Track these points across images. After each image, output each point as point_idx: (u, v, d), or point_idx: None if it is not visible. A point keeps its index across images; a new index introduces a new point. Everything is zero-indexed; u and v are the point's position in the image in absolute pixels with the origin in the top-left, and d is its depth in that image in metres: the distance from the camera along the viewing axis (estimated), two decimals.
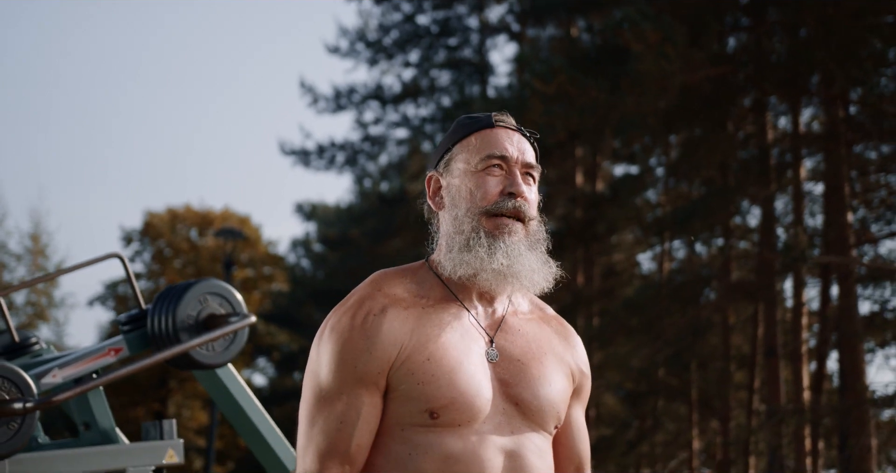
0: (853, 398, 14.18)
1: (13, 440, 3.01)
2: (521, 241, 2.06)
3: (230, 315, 3.50)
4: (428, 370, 1.96)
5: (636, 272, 22.19)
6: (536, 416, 2.00)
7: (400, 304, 2.05)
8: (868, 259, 17.21)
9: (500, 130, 2.07)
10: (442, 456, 1.93)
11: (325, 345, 2.03)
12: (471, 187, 2.04)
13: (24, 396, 3.02)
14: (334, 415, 1.97)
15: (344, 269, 28.95)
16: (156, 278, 35.02)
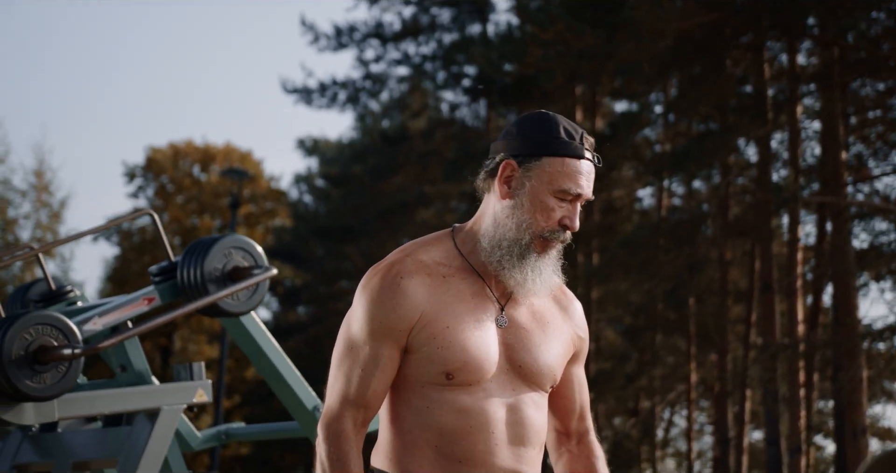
0: (845, 331, 14.51)
1: (62, 382, 3.34)
2: (547, 259, 2.31)
3: (253, 268, 3.80)
4: (447, 337, 2.23)
5: (636, 208, 22.39)
6: (535, 377, 2.31)
7: (424, 270, 2.28)
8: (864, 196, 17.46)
9: (585, 163, 2.27)
10: (455, 409, 2.25)
11: (358, 300, 2.30)
12: (539, 205, 2.26)
13: (71, 343, 3.33)
14: (357, 363, 2.26)
15: (346, 206, 29.14)
16: (159, 213, 35.24)
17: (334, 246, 29.51)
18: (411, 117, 26.92)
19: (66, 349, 3.30)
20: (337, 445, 2.24)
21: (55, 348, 3.30)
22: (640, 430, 20.42)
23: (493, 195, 2.32)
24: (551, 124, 2.29)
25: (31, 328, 3.30)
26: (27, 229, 26.99)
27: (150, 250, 33.39)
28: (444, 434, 2.26)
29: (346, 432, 2.25)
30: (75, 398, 3.52)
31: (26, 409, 3.42)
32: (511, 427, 2.27)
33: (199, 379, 3.74)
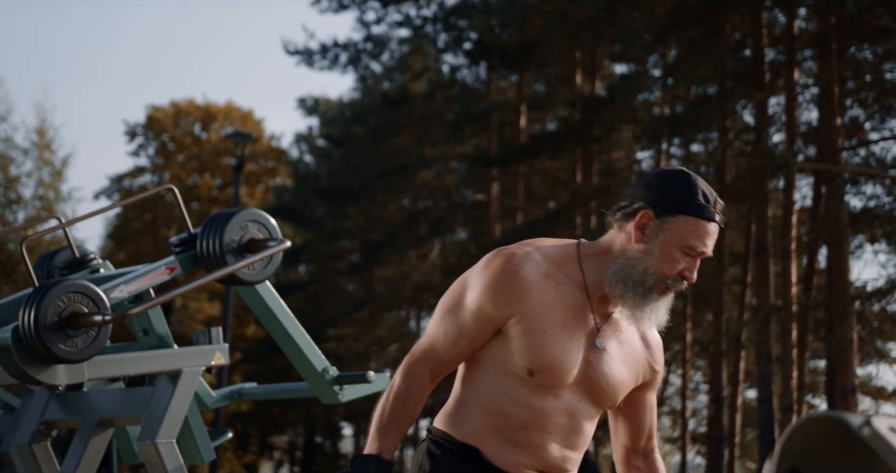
0: (837, 293, 14.75)
1: (91, 346, 3.59)
2: (664, 302, 2.55)
3: (268, 240, 4.06)
4: (541, 339, 2.46)
5: (635, 170, 22.55)
6: (602, 397, 2.56)
7: (542, 270, 2.51)
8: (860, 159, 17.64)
9: (713, 225, 2.49)
10: (525, 404, 2.52)
11: (479, 274, 2.52)
12: (667, 256, 2.49)
13: (100, 310, 3.59)
14: (455, 324, 2.51)
15: (347, 166, 29.28)
16: (160, 171, 35.39)
17: (335, 206, 29.71)
18: (412, 79, 27.00)
19: (97, 315, 3.55)
20: (409, 384, 2.53)
21: (86, 314, 3.55)
22: None
23: (623, 234, 2.54)
24: (692, 186, 2.50)
25: (63, 295, 3.55)
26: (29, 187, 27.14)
27: (151, 208, 33.61)
28: (508, 420, 2.53)
29: (422, 377, 2.54)
30: (103, 360, 3.78)
31: (59, 370, 3.68)
32: (567, 432, 2.55)
33: (217, 343, 4.00)
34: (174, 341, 4.09)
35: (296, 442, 39.93)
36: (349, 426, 36.43)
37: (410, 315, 31.36)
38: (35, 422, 4.28)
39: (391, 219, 29.00)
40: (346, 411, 31.41)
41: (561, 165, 22.44)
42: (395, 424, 2.53)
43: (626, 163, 22.39)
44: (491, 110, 22.89)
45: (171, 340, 4.07)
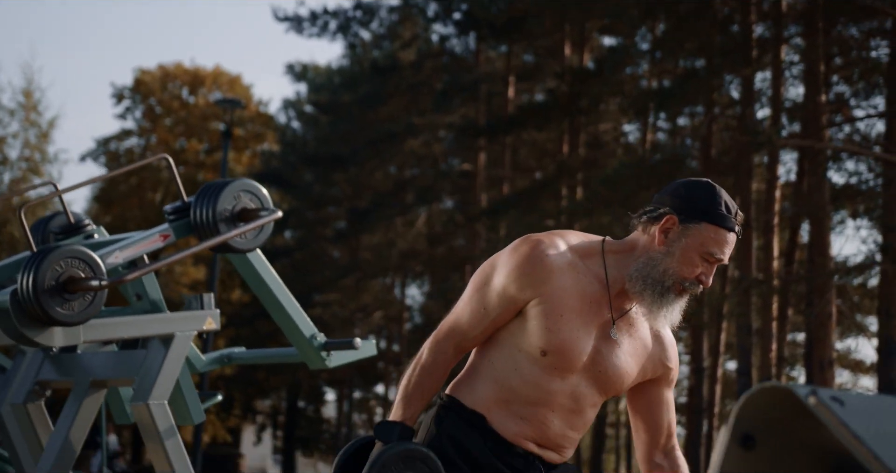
0: (817, 268, 14.94)
1: (88, 309, 3.71)
2: (679, 303, 2.69)
3: (260, 210, 4.17)
4: (558, 323, 2.63)
5: (622, 142, 22.65)
6: (606, 385, 2.72)
7: (566, 258, 2.65)
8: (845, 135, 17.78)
9: (732, 235, 2.65)
10: (534, 382, 2.67)
11: (507, 257, 2.69)
12: (687, 260, 2.65)
13: (96, 275, 3.70)
14: (481, 304, 2.68)
15: (335, 133, 29.29)
16: (146, 135, 35.36)
17: (322, 173, 29.76)
18: (401, 48, 27.00)
19: (94, 280, 3.66)
20: (435, 358, 2.71)
21: (83, 279, 3.66)
22: None
23: (647, 236, 2.69)
24: (716, 197, 2.66)
25: (61, 260, 3.66)
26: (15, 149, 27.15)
27: (137, 172, 33.60)
28: (516, 394, 2.69)
29: (448, 352, 2.71)
30: (98, 323, 3.90)
31: (56, 333, 3.80)
32: (569, 413, 2.71)
33: (209, 308, 4.13)
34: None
35: (279, 407, 40.14)
36: (332, 391, 36.66)
37: (395, 283, 31.51)
38: (30, 382, 4.41)
39: (378, 186, 29.07)
40: (330, 376, 31.62)
41: (548, 136, 22.52)
42: (419, 394, 2.70)
43: (613, 135, 22.49)
44: (479, 81, 22.94)
45: (163, 305, 4.19)
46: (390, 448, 2.60)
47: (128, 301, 4.38)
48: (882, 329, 14.65)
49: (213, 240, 3.96)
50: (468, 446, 2.70)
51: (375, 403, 36.98)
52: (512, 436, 2.70)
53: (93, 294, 3.67)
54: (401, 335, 30.27)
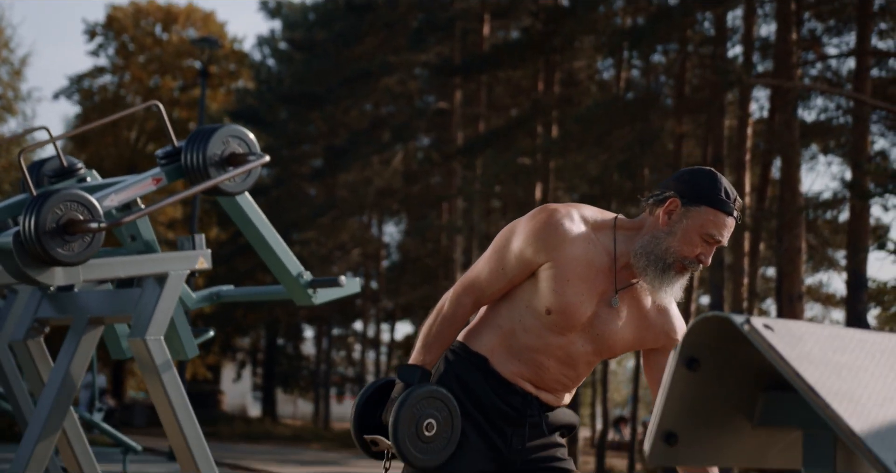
0: (786, 204, 15.21)
1: (87, 250, 3.90)
2: (679, 280, 2.94)
3: (248, 154, 4.36)
4: (564, 287, 2.90)
5: (596, 79, 22.73)
6: (600, 346, 3.00)
7: (580, 228, 2.92)
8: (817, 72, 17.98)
9: (731, 219, 2.88)
10: (536, 334, 2.95)
11: (527, 223, 2.95)
12: (687, 240, 2.88)
13: (94, 217, 3.89)
14: (499, 264, 2.96)
15: (310, 72, 29.23)
16: (120, 72, 35.20)
17: (298, 111, 29.73)
18: None
19: (93, 223, 3.86)
20: (455, 310, 2.99)
21: (82, 222, 3.86)
22: None
23: (653, 218, 2.95)
24: (717, 184, 2.90)
25: (61, 203, 3.85)
26: None
27: (111, 109, 33.50)
28: (517, 340, 2.99)
29: (466, 305, 3.00)
30: (96, 263, 4.09)
31: (56, 272, 3.99)
32: (563, 365, 3.00)
33: (201, 249, 4.34)
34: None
35: (258, 344, 40.47)
36: (311, 328, 36.98)
37: (373, 221, 31.69)
38: (29, 320, 4.62)
39: (354, 124, 29.09)
40: (308, 313, 31.87)
41: (523, 74, 22.57)
42: (439, 341, 2.98)
43: (588, 72, 22.57)
44: (455, 18, 22.91)
45: (156, 245, 4.40)
46: (414, 389, 2.87)
47: (121, 242, 4.58)
48: (850, 263, 14.99)
49: (205, 184, 4.16)
50: (471, 384, 2.99)
51: (354, 340, 37.34)
52: (510, 376, 2.99)
53: (91, 236, 3.87)
54: (378, 273, 30.51)
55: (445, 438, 2.88)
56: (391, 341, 33.33)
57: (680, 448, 1.69)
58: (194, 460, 4.20)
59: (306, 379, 39.40)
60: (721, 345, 1.65)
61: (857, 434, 1.46)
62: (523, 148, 20.73)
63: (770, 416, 1.72)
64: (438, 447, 2.87)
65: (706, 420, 1.70)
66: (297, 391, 40.44)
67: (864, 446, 1.46)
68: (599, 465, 20.17)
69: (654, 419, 1.66)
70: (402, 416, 2.82)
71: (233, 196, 4.44)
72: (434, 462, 2.88)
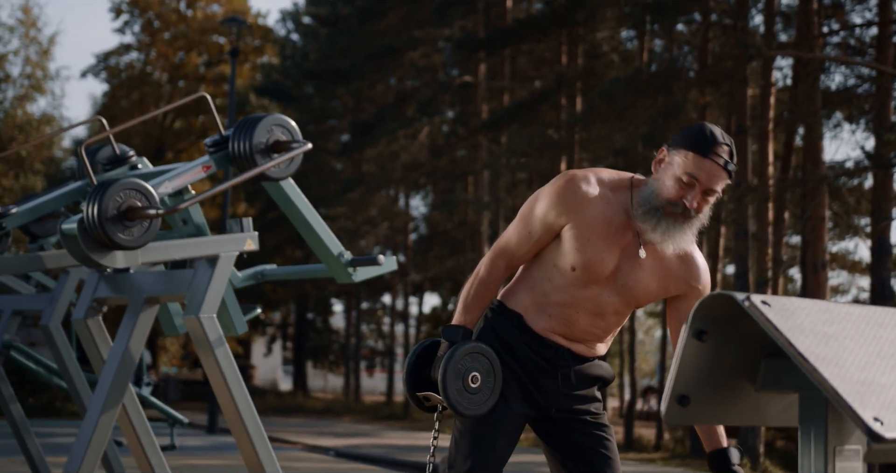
0: (808, 173, 15.34)
1: (145, 235, 4.18)
2: (679, 226, 3.13)
3: (292, 141, 4.64)
4: (585, 245, 3.15)
5: (620, 50, 22.79)
6: (626, 296, 3.23)
7: (597, 190, 3.17)
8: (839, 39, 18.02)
9: (711, 164, 3.07)
10: (564, 291, 3.21)
11: (548, 189, 3.21)
12: (670, 182, 3.10)
13: (151, 204, 4.17)
14: (525, 228, 3.24)
15: (335, 47, 29.40)
16: (146, 49, 35.47)
17: (324, 86, 29.92)
18: None
19: (151, 209, 4.15)
20: (490, 273, 3.28)
21: (141, 208, 4.14)
22: None
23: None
24: (702, 131, 3.12)
25: (121, 192, 4.13)
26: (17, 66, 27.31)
27: (139, 86, 33.83)
28: (548, 298, 3.25)
29: (500, 269, 3.29)
30: (153, 246, 4.38)
31: (117, 255, 4.28)
32: (593, 316, 3.25)
33: (248, 231, 4.63)
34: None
35: (288, 319, 40.88)
36: (340, 302, 37.34)
37: (399, 195, 31.95)
38: (88, 300, 4.92)
39: (379, 99, 29.28)
40: (337, 288, 32.21)
41: (547, 45, 22.67)
42: (477, 303, 3.28)
43: (612, 44, 22.66)
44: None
45: (206, 228, 4.68)
46: (458, 346, 3.18)
47: (172, 226, 4.86)
48: (874, 231, 15.13)
49: (252, 171, 4.44)
50: (508, 339, 3.28)
51: (382, 313, 37.68)
52: (542, 331, 3.27)
53: (150, 221, 4.16)
54: (406, 246, 30.80)
55: (490, 388, 3.18)
56: (419, 313, 33.67)
57: (692, 408, 1.96)
58: (247, 432, 4.49)
59: (336, 353, 39.80)
60: (726, 319, 1.92)
61: (840, 394, 1.72)
62: (548, 121, 20.90)
63: (770, 380, 1.99)
64: (484, 397, 3.17)
65: (714, 384, 1.97)
66: (327, 365, 40.86)
67: (846, 404, 1.72)
68: (628, 435, 20.45)
69: (668, 384, 1.93)
70: (450, 371, 3.12)
71: (277, 181, 4.72)
72: (481, 410, 3.16)
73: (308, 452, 16.15)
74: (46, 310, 6.20)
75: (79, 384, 6.17)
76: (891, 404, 1.74)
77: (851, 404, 1.71)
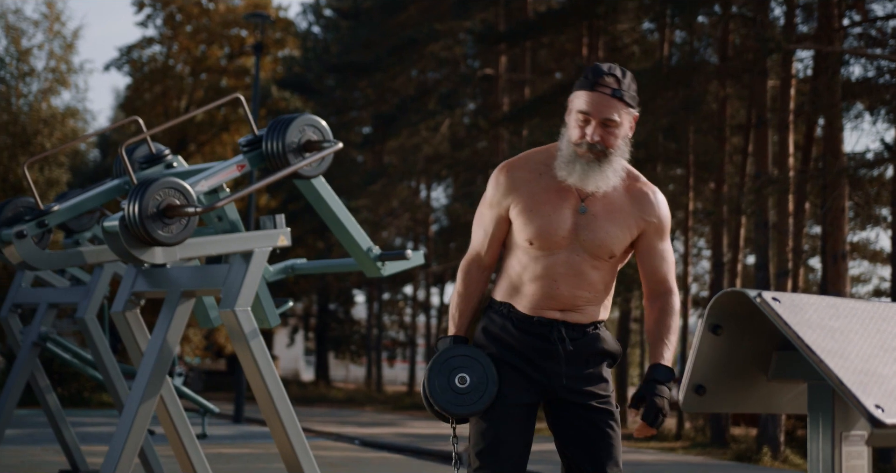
0: (829, 165, 15.40)
1: (184, 232, 4.35)
2: (595, 163, 3.25)
3: (323, 141, 4.80)
4: (530, 217, 3.27)
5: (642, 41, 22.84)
6: (593, 250, 3.28)
7: (527, 167, 3.33)
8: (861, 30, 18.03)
9: (596, 94, 3.18)
10: (528, 264, 3.30)
11: (489, 182, 3.38)
12: (571, 125, 3.24)
13: (189, 202, 4.34)
14: (481, 225, 3.40)
15: (357, 40, 29.55)
16: (168, 42, 35.70)
17: (345, 78, 30.08)
18: None
19: (189, 207, 4.32)
20: (464, 283, 3.41)
21: (179, 206, 4.31)
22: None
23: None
24: (587, 70, 3.27)
25: (160, 190, 4.30)
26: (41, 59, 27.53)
27: (161, 79, 34.07)
28: (523, 278, 3.33)
29: (472, 274, 3.42)
30: (191, 242, 4.55)
31: (157, 252, 4.45)
32: (570, 277, 3.30)
33: (281, 227, 4.79)
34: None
35: (310, 309, 41.13)
36: (361, 293, 37.55)
37: (421, 186, 32.11)
38: (127, 293, 5.09)
39: (400, 90, 29.41)
40: (359, 279, 32.41)
41: (567, 37, 22.76)
42: (462, 314, 3.40)
43: (633, 36, 22.73)
44: None
45: (241, 225, 4.85)
46: (445, 351, 3.31)
47: (206, 222, 5.03)
48: (894, 221, 15.17)
49: (286, 170, 4.61)
50: (500, 334, 3.34)
51: (404, 304, 37.88)
52: (531, 311, 3.32)
53: (188, 219, 4.32)
54: (427, 237, 30.98)
55: (481, 389, 3.24)
56: (441, 304, 33.86)
57: (708, 397, 2.11)
58: (281, 421, 4.66)
59: (357, 343, 40.02)
60: (739, 314, 2.07)
61: (845, 383, 1.87)
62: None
63: (781, 371, 2.14)
64: (474, 397, 3.24)
65: (729, 375, 2.12)
66: (349, 355, 41.10)
67: (850, 393, 1.87)
68: None
69: (686, 374, 2.08)
70: (434, 374, 3.24)
71: (309, 180, 4.89)
72: (473, 410, 3.24)
73: (333, 440, 16.35)
74: (82, 303, 6.39)
75: (114, 375, 6.36)
76: (892, 393, 1.89)
77: (855, 393, 1.86)
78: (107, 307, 6.92)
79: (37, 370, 7.30)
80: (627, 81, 3.26)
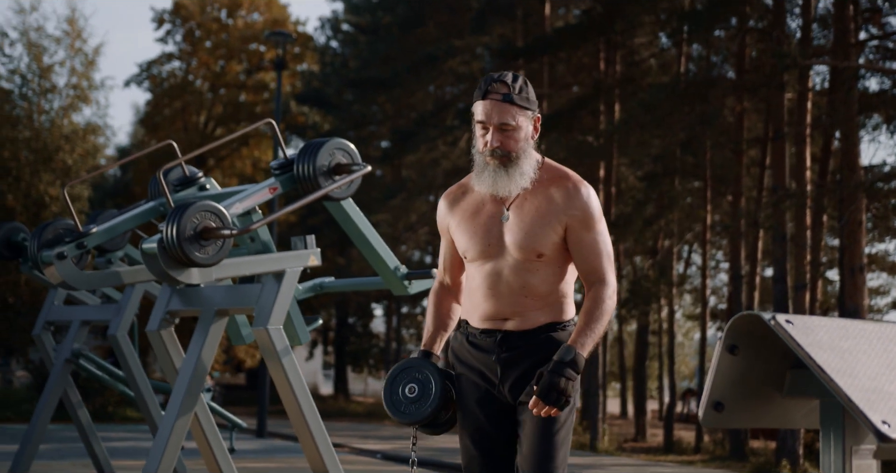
0: (846, 179, 15.50)
1: (219, 253, 4.51)
2: (501, 169, 3.38)
3: (352, 164, 4.97)
4: (460, 233, 3.46)
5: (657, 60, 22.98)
6: (522, 252, 3.39)
7: (459, 190, 3.53)
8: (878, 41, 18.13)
9: (487, 102, 3.32)
10: (472, 277, 3.49)
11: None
12: (477, 137, 3.38)
13: (224, 225, 4.50)
14: (441, 250, 3.63)
15: (375, 55, 29.76)
16: (188, 58, 36.00)
17: (364, 93, 30.29)
18: None
19: (225, 230, 4.48)
20: (434, 301, 3.61)
21: (216, 229, 4.47)
22: (658, 269, 21.35)
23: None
24: (481, 81, 3.41)
25: (197, 213, 4.46)
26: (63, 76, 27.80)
27: (180, 95, 34.35)
28: (471, 292, 3.50)
29: (439, 292, 3.62)
30: (225, 263, 4.71)
31: (193, 272, 4.61)
32: (505, 285, 3.43)
33: (312, 248, 4.95)
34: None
35: (329, 323, 41.31)
36: (380, 306, 37.69)
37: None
38: (162, 312, 5.25)
39: (418, 106, 29.59)
40: (377, 293, 32.55)
41: (585, 51, 22.90)
42: (434, 332, 3.55)
43: (650, 50, 22.86)
44: (516, 1, 23.31)
45: (272, 245, 5.01)
46: (397, 364, 3.50)
47: (239, 243, 5.19)
48: None
49: (317, 193, 4.77)
50: (456, 348, 3.52)
51: (422, 318, 37.99)
52: (479, 323, 3.46)
53: (223, 240, 4.49)
54: None
55: (428, 396, 3.42)
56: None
57: (726, 413, 2.26)
58: (312, 436, 4.81)
59: (376, 357, 40.13)
60: (755, 335, 2.21)
61: (853, 401, 2.01)
62: (587, 127, 21.10)
63: (795, 388, 2.28)
64: (423, 405, 3.43)
65: (746, 392, 2.27)
66: (368, 369, 41.20)
67: (858, 409, 2.01)
68: (668, 437, 20.63)
69: (705, 392, 2.22)
70: (385, 386, 3.47)
71: (339, 202, 5.05)
72: (415, 418, 3.44)
73: (356, 455, 16.48)
74: (114, 320, 6.56)
75: (144, 391, 6.53)
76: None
77: (862, 409, 2.00)
78: (136, 325, 7.09)
79: (69, 386, 7.47)
80: (519, 84, 3.36)
